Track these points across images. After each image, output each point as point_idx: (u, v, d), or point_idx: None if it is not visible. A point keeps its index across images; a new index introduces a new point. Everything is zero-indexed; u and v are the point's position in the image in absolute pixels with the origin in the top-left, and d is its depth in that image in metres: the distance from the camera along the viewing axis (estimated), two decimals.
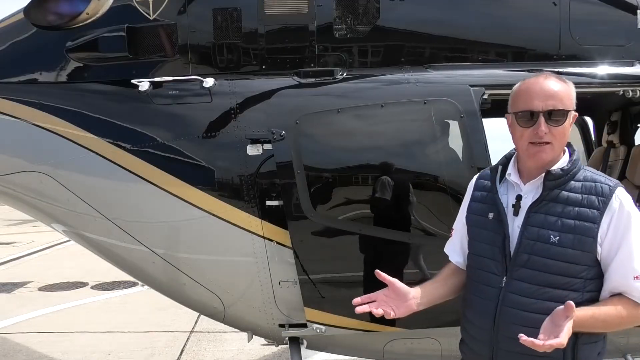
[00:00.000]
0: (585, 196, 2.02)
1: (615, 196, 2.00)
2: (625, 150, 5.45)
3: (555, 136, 2.02)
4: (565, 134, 2.05)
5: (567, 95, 2.04)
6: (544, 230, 2.03)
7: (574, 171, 2.06)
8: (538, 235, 2.03)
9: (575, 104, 2.08)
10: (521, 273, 2.05)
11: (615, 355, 3.86)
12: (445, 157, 3.43)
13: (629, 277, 1.98)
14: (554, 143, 2.03)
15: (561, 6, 3.59)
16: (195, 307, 3.88)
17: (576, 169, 2.07)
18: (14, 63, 3.58)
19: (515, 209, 2.10)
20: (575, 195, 2.03)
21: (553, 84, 2.04)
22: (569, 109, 2.03)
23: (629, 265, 1.98)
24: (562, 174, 2.05)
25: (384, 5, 3.53)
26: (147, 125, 3.45)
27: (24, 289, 9.42)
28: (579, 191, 2.03)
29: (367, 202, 3.43)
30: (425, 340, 3.62)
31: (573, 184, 2.05)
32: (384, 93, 3.48)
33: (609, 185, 2.02)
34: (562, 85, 2.05)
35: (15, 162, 3.53)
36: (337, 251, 3.44)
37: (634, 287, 1.97)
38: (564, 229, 2.01)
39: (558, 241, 2.00)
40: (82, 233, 3.71)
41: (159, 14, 3.47)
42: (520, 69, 3.57)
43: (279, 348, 4.74)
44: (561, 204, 2.03)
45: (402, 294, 2.21)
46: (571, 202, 2.02)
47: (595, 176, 2.07)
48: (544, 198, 2.06)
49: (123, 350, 6.33)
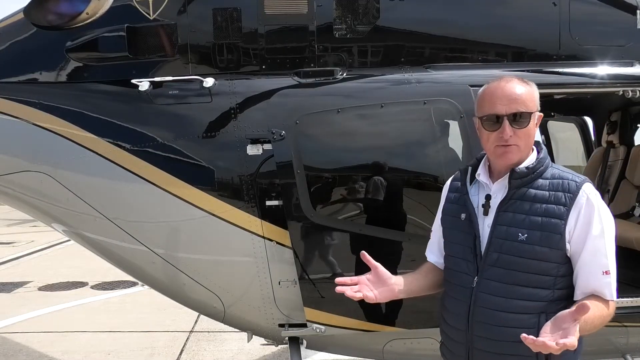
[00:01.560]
0: (553, 193, 2.04)
1: (582, 192, 2.01)
2: (625, 150, 5.45)
3: (521, 137, 2.06)
4: (530, 135, 2.09)
5: (530, 98, 2.08)
6: (513, 229, 2.04)
7: (540, 169, 2.08)
8: (507, 233, 2.05)
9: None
10: (491, 272, 2.07)
11: (615, 355, 3.86)
12: (445, 157, 3.43)
13: (598, 272, 1.98)
14: (519, 144, 2.07)
15: (561, 6, 3.59)
16: (195, 307, 3.88)
17: (543, 167, 2.09)
18: (14, 63, 3.58)
19: (485, 208, 2.13)
20: (543, 192, 2.05)
21: (515, 87, 2.08)
22: (532, 111, 2.06)
23: (597, 261, 1.99)
24: (527, 172, 2.07)
25: (384, 5, 3.53)
26: (147, 125, 3.45)
27: (24, 289, 9.42)
28: (546, 188, 2.05)
29: (367, 202, 3.43)
30: (425, 340, 3.61)
31: (540, 181, 2.07)
32: (384, 93, 3.48)
33: (576, 182, 2.04)
34: (524, 88, 2.09)
35: (15, 162, 3.53)
36: (336, 251, 3.44)
37: (603, 283, 1.98)
38: (531, 226, 2.02)
39: (526, 239, 2.01)
40: (82, 233, 3.71)
41: (159, 13, 3.47)
42: (520, 69, 3.57)
43: (278, 348, 4.74)
44: (529, 201, 2.05)
45: (384, 279, 2.21)
46: (538, 199, 2.04)
47: (562, 173, 2.09)
48: (512, 197, 2.08)
49: (123, 350, 6.33)
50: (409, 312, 3.46)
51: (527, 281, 2.02)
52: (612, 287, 1.99)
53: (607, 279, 1.98)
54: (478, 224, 2.13)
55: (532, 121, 2.07)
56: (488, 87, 2.15)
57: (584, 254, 2.00)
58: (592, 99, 5.40)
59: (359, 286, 2.15)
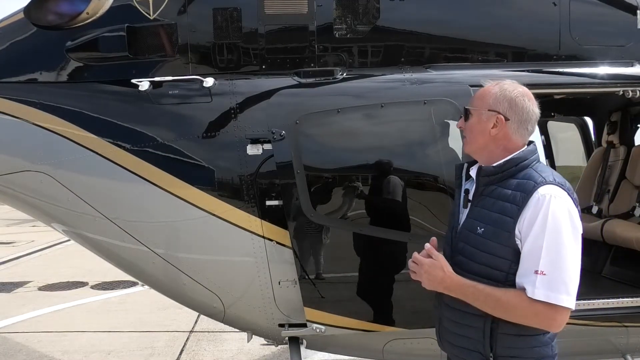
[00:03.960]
0: (514, 192, 2.13)
1: (536, 192, 2.08)
2: (625, 150, 5.45)
3: (466, 130, 2.29)
4: (472, 130, 2.26)
5: (479, 96, 2.27)
6: (476, 222, 2.21)
7: (511, 169, 2.18)
8: (471, 226, 2.22)
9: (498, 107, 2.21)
10: (458, 259, 2.24)
11: (615, 355, 3.87)
12: (445, 157, 3.43)
13: (530, 270, 2.05)
14: (467, 136, 2.30)
15: (561, 6, 3.59)
16: (195, 307, 3.88)
17: (515, 167, 2.18)
18: (14, 63, 3.58)
19: (464, 201, 2.33)
20: (506, 191, 2.16)
21: (482, 87, 2.28)
22: (474, 108, 2.25)
23: (532, 258, 2.05)
24: (494, 170, 2.21)
25: (384, 5, 3.53)
26: (147, 125, 3.45)
27: (24, 289, 9.42)
28: (512, 188, 2.15)
29: (367, 202, 3.43)
30: (425, 340, 3.61)
31: (510, 181, 2.18)
32: (383, 93, 3.48)
33: (535, 182, 2.11)
34: (483, 88, 2.28)
35: (15, 162, 3.52)
36: (337, 251, 3.44)
37: (530, 280, 2.04)
38: (489, 221, 2.16)
39: (483, 232, 2.16)
40: (82, 233, 3.71)
41: (159, 13, 3.47)
42: (520, 69, 3.57)
43: (278, 348, 4.74)
44: (493, 198, 2.19)
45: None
46: (501, 197, 2.16)
47: (534, 174, 2.16)
48: (482, 192, 2.25)
49: (123, 350, 6.33)
50: (409, 312, 3.47)
51: (480, 272, 2.15)
52: (537, 285, 2.02)
53: (533, 277, 2.04)
54: (459, 214, 2.33)
55: (476, 118, 2.24)
56: None
57: (523, 250, 2.09)
58: (592, 99, 5.39)
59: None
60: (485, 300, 2.10)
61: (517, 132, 2.22)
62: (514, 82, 2.29)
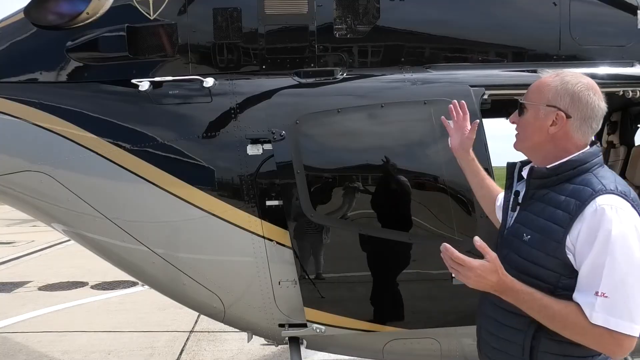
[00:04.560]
0: (567, 199, 1.92)
1: (594, 202, 1.86)
2: (625, 150, 5.45)
3: (519, 127, 2.09)
4: (526, 127, 2.06)
5: (538, 89, 2.04)
6: (522, 228, 2.02)
7: (567, 172, 1.97)
8: (517, 232, 2.04)
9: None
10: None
11: None
12: (445, 157, 3.42)
13: (590, 290, 1.83)
14: (519, 132, 2.09)
15: (561, 6, 3.59)
16: (195, 307, 3.88)
17: (572, 170, 1.97)
18: (14, 63, 3.58)
19: (513, 204, 2.13)
20: (559, 197, 1.95)
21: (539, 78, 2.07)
22: (531, 103, 2.04)
23: (592, 278, 1.83)
24: (548, 173, 2.00)
25: (384, 5, 3.53)
26: (147, 125, 3.45)
27: (24, 289, 9.42)
28: (566, 193, 1.94)
29: (367, 202, 3.43)
30: (425, 340, 3.62)
31: (565, 186, 1.96)
32: (384, 93, 3.48)
33: (594, 190, 1.88)
34: (542, 80, 2.06)
35: (15, 162, 3.52)
36: (337, 251, 3.44)
37: (589, 302, 1.83)
38: (536, 228, 1.97)
39: (529, 240, 1.98)
40: (82, 233, 3.71)
41: (159, 13, 3.47)
42: (520, 69, 3.57)
43: (278, 348, 4.74)
44: (544, 203, 1.99)
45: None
46: (552, 203, 1.96)
47: (593, 180, 1.93)
48: (532, 196, 2.05)
49: (123, 350, 6.33)
50: (409, 312, 3.47)
51: (526, 283, 1.93)
52: (597, 309, 1.81)
53: (593, 299, 1.82)
54: (507, 218, 2.15)
55: (532, 114, 2.03)
56: None
57: (582, 268, 1.86)
58: None
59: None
60: (540, 310, 1.89)
61: (579, 131, 1.98)
62: (576, 73, 2.06)
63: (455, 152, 2.64)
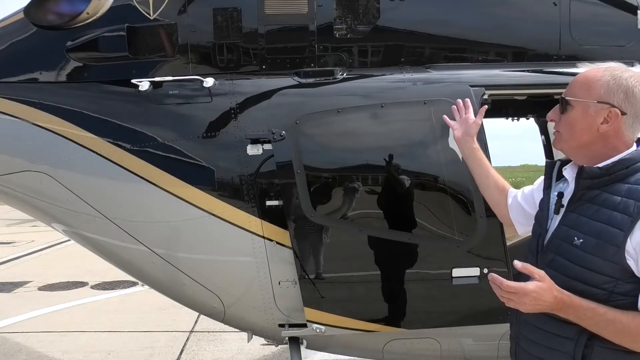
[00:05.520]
0: (625, 200, 1.81)
1: None
2: None
3: (562, 125, 1.97)
4: (572, 125, 1.94)
5: (583, 85, 1.92)
6: (572, 231, 1.90)
7: (620, 172, 1.87)
8: (566, 235, 1.92)
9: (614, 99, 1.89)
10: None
11: None
12: (446, 157, 3.43)
13: None
14: (561, 131, 1.98)
15: (561, 6, 3.58)
16: (195, 307, 3.88)
17: (626, 169, 1.86)
18: (14, 63, 3.58)
19: (557, 206, 2.01)
20: (615, 197, 1.84)
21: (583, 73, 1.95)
22: (576, 98, 1.92)
23: None
24: (600, 172, 1.89)
25: (384, 5, 3.53)
26: (147, 125, 3.45)
27: (24, 289, 9.43)
28: (621, 194, 1.83)
29: (367, 202, 3.43)
30: (425, 340, 3.62)
31: (620, 185, 1.86)
32: (384, 93, 3.48)
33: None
34: (586, 74, 1.94)
35: (15, 162, 3.52)
36: (337, 251, 3.44)
37: None
38: (590, 232, 1.85)
39: (581, 244, 1.85)
40: (82, 233, 3.71)
41: (159, 13, 3.47)
42: (520, 69, 3.57)
43: (278, 348, 4.74)
44: (597, 205, 1.87)
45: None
46: (607, 204, 1.85)
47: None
48: (581, 197, 1.93)
49: (123, 350, 6.34)
50: (409, 312, 3.47)
51: (575, 289, 1.84)
52: None
53: None
54: (549, 220, 2.03)
55: (580, 111, 1.92)
56: None
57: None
58: None
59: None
60: (606, 326, 1.79)
61: (631, 128, 1.89)
62: (622, 65, 1.96)
63: (458, 142, 2.64)
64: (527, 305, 1.80)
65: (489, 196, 2.61)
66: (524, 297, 1.78)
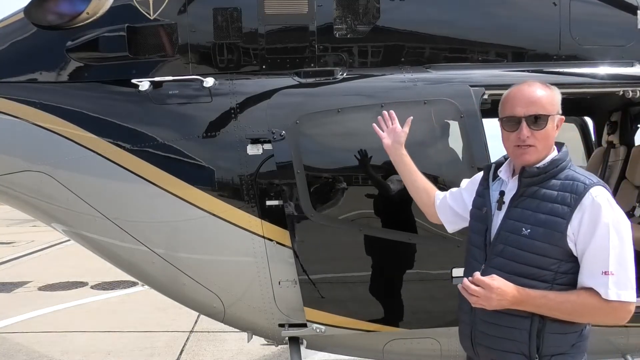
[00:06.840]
0: (561, 193, 2.14)
1: (589, 194, 2.10)
2: (625, 150, 5.45)
3: (538, 139, 2.19)
4: (548, 137, 2.22)
5: (549, 101, 2.21)
6: (519, 223, 2.18)
7: (553, 170, 2.19)
8: (513, 227, 2.20)
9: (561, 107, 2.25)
10: (496, 261, 2.21)
11: (614, 355, 3.86)
12: (446, 157, 3.43)
13: (598, 271, 2.07)
14: (537, 145, 2.20)
15: (561, 6, 3.59)
16: (195, 307, 3.88)
17: (557, 168, 2.19)
18: (14, 63, 3.58)
19: (499, 203, 2.30)
20: (551, 192, 2.16)
21: (536, 91, 2.22)
22: (550, 114, 2.19)
23: (599, 260, 2.07)
24: (538, 171, 2.20)
25: (384, 5, 3.53)
26: (147, 125, 3.45)
27: (24, 289, 9.43)
28: (556, 188, 2.16)
29: (367, 202, 3.43)
30: (425, 340, 3.62)
31: (553, 182, 2.18)
32: (383, 93, 3.48)
33: (585, 184, 2.12)
34: (544, 92, 2.22)
35: (15, 162, 3.52)
36: (336, 251, 3.44)
37: (601, 282, 2.06)
38: (536, 222, 2.15)
39: (529, 234, 2.14)
40: (82, 233, 3.71)
41: (159, 13, 3.48)
42: (520, 69, 3.57)
43: (278, 348, 4.74)
44: (537, 199, 2.18)
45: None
46: (546, 198, 2.16)
47: (576, 175, 2.18)
48: (522, 194, 2.23)
49: (123, 350, 6.34)
50: (409, 312, 3.47)
51: (526, 273, 2.14)
52: (610, 286, 2.05)
53: (604, 279, 2.06)
54: (492, 216, 2.30)
55: (551, 123, 2.20)
56: (511, 90, 2.29)
57: (586, 253, 2.09)
58: (592, 99, 5.39)
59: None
60: (559, 307, 2.10)
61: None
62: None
63: (388, 149, 2.88)
64: (493, 301, 2.08)
65: (418, 198, 2.87)
66: (490, 292, 2.07)
